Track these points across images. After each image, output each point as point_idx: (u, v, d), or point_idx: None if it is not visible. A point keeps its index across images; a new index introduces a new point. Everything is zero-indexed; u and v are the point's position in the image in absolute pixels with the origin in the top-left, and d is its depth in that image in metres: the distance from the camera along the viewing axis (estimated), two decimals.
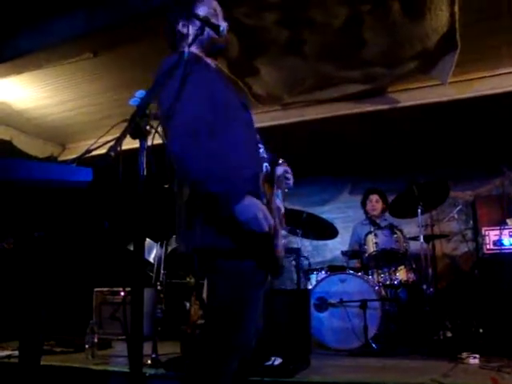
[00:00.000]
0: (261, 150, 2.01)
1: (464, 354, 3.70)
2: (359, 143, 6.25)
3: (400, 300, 4.82)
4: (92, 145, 1.55)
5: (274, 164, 2.08)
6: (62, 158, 6.56)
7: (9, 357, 4.05)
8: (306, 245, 6.92)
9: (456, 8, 3.68)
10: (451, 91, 4.87)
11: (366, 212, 5.62)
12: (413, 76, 4.81)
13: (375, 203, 5.49)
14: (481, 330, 4.54)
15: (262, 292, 1.94)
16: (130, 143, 1.43)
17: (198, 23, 1.94)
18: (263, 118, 5.31)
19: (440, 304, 4.72)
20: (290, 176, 2.16)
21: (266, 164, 1.98)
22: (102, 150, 1.51)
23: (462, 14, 3.77)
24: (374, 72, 4.67)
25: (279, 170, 2.12)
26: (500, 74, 4.72)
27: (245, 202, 1.69)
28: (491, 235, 4.72)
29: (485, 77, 4.78)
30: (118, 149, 1.32)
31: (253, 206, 1.70)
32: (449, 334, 4.59)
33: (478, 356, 3.68)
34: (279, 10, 3.74)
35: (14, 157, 5.92)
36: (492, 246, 4.69)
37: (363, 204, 5.65)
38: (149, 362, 3.82)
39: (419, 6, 3.70)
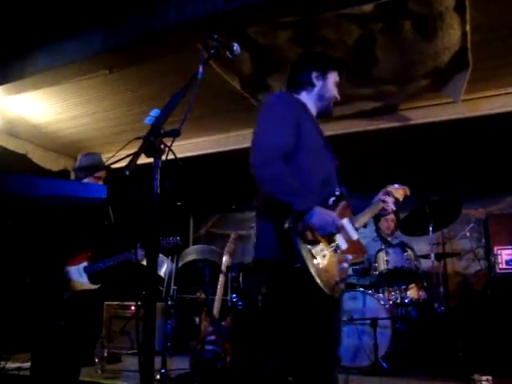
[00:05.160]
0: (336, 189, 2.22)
1: (476, 376, 3.65)
2: (371, 160, 6.26)
3: (411, 318, 4.77)
4: (106, 161, 1.58)
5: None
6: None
7: (18, 369, 4.07)
8: None
9: (467, 27, 3.70)
10: (463, 109, 4.88)
11: (377, 229, 5.58)
12: (425, 94, 4.82)
13: (391, 222, 5.45)
14: (494, 351, 4.47)
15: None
16: (143, 158, 1.47)
17: (323, 82, 2.34)
18: None
19: (452, 323, 4.66)
20: (387, 205, 2.42)
21: (332, 199, 2.15)
22: (116, 165, 1.55)
23: (475, 33, 3.79)
24: (386, 89, 4.70)
25: (376, 198, 2.44)
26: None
27: (316, 210, 1.93)
28: (504, 254, 4.69)
29: (496, 95, 4.78)
30: (133, 167, 1.34)
31: (323, 213, 1.94)
32: (461, 354, 4.52)
33: (490, 378, 3.62)
34: (292, 29, 3.79)
35: (28, 170, 6.01)
36: (505, 266, 4.67)
37: (376, 221, 5.61)
38: (158, 377, 3.81)
39: (431, 25, 3.73)
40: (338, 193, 2.19)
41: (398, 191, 2.55)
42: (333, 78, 2.37)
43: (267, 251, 2.08)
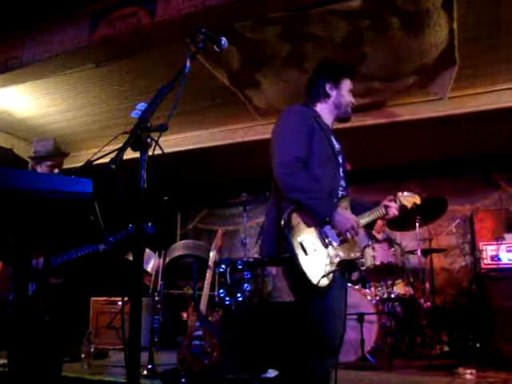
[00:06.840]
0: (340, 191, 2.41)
1: (461, 369, 3.70)
2: (357, 155, 6.27)
3: (397, 314, 4.81)
4: (92, 156, 1.58)
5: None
6: (62, 167, 6.59)
7: (3, 365, 4.02)
8: None
9: (454, 25, 3.73)
10: (449, 106, 4.91)
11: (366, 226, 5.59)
12: (412, 90, 4.85)
13: (382, 221, 5.47)
14: (478, 345, 4.53)
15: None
16: (131, 153, 1.46)
17: (337, 91, 2.50)
18: (264, 130, 5.33)
19: (437, 318, 4.71)
20: (389, 210, 2.48)
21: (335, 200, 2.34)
22: (103, 160, 1.54)
23: (461, 31, 3.82)
24: (373, 86, 4.71)
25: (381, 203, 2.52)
26: (497, 90, 4.76)
27: (339, 212, 2.19)
28: (489, 250, 4.72)
29: (482, 92, 4.82)
30: (119, 161, 1.33)
31: (344, 215, 2.20)
32: (446, 349, 4.58)
33: (474, 371, 3.67)
34: (281, 25, 3.79)
35: (14, 165, 5.94)
36: (489, 261, 4.69)
37: None
38: (145, 372, 3.81)
39: (418, 23, 3.75)
40: (339, 195, 2.38)
41: (407, 199, 2.64)
42: (346, 85, 2.53)
43: (266, 249, 2.30)
